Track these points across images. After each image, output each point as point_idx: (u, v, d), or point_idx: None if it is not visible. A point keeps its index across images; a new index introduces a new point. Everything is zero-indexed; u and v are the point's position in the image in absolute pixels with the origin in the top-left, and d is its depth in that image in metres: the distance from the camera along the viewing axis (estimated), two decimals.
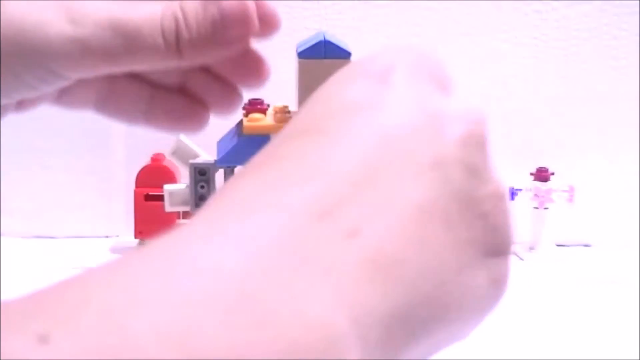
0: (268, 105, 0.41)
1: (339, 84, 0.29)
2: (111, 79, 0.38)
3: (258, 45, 0.69)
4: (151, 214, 0.63)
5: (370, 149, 0.26)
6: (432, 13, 0.67)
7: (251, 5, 0.36)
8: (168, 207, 0.41)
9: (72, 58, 0.35)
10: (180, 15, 0.36)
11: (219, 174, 0.51)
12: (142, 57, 0.35)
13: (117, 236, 0.70)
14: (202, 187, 0.49)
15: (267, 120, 0.39)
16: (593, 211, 0.70)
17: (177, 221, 0.65)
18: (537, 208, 0.66)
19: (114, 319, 0.19)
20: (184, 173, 0.53)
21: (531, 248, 0.67)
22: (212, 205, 0.24)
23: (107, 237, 0.70)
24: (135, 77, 0.38)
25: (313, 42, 0.37)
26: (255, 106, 0.40)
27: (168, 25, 0.36)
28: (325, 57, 0.37)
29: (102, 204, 0.69)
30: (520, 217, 0.66)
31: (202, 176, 0.50)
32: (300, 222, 0.23)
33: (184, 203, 0.40)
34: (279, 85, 0.44)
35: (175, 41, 0.36)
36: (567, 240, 0.70)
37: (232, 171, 0.49)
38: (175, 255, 0.21)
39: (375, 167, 0.25)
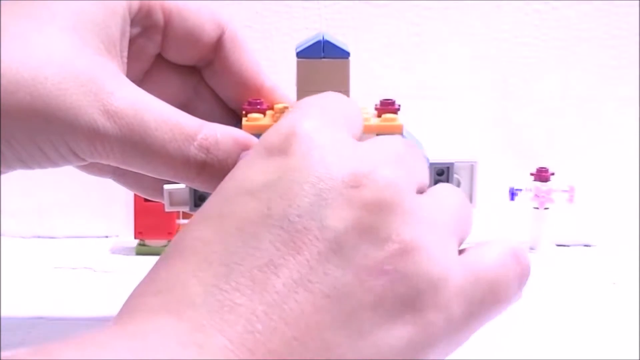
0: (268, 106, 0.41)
1: (241, 168, 0.29)
2: None
3: (258, 45, 0.69)
4: (151, 214, 0.63)
5: (265, 234, 0.26)
6: (432, 13, 0.67)
7: None
8: (168, 207, 0.40)
9: (94, 148, 0.35)
10: (212, 155, 0.36)
11: None
12: (160, 172, 0.36)
13: (117, 236, 0.70)
14: None
15: (266, 120, 0.39)
16: (593, 211, 0.70)
17: (177, 221, 0.65)
18: (537, 208, 0.65)
19: None
20: None
21: (531, 248, 0.67)
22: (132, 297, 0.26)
23: (107, 237, 0.70)
24: None
25: (312, 42, 0.37)
26: (255, 106, 0.40)
27: (195, 156, 0.36)
28: (324, 57, 0.37)
29: (102, 204, 0.69)
30: (521, 217, 0.66)
31: None
32: (192, 320, 0.24)
33: (184, 203, 0.40)
34: (279, 85, 0.44)
35: (196, 172, 0.36)
36: (568, 241, 0.70)
37: None
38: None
39: (270, 255, 0.26)
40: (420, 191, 0.30)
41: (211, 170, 0.35)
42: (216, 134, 0.35)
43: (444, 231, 0.29)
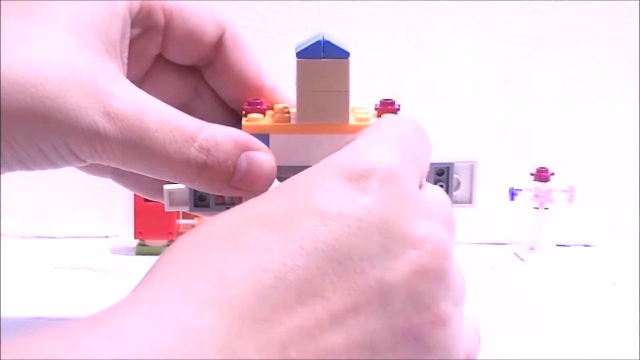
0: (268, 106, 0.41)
1: (315, 182, 0.29)
2: None
3: (258, 45, 0.69)
4: (151, 214, 0.63)
5: (325, 263, 0.26)
6: (432, 13, 0.67)
7: (274, 170, 0.37)
8: (168, 207, 0.40)
9: (95, 149, 0.34)
10: (212, 157, 0.36)
11: None
12: (160, 173, 0.36)
13: (117, 236, 0.70)
14: None
15: (265, 120, 0.39)
16: (593, 211, 0.70)
17: (177, 221, 0.65)
18: (537, 208, 0.65)
19: None
20: None
21: (531, 248, 0.67)
22: (159, 273, 0.25)
23: (107, 237, 0.70)
24: None
25: (312, 42, 0.37)
26: (255, 106, 0.40)
27: (195, 157, 0.35)
28: (324, 57, 0.37)
29: (102, 204, 0.69)
30: (521, 217, 0.66)
31: None
32: (236, 326, 0.24)
33: (184, 203, 0.40)
34: (279, 85, 0.44)
35: (197, 173, 0.36)
36: (568, 241, 0.70)
37: None
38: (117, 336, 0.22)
39: (323, 286, 0.26)
40: None
41: (211, 171, 0.35)
42: (216, 135, 0.35)
43: (462, 306, 0.30)
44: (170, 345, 0.22)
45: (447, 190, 0.41)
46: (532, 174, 0.66)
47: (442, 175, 0.41)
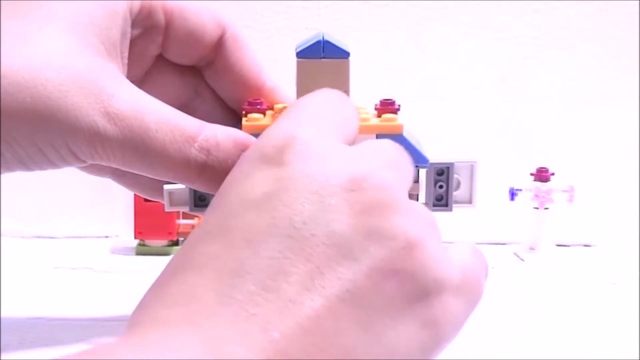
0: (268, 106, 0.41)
1: (238, 179, 0.29)
2: None
3: (258, 45, 0.69)
4: (151, 214, 0.63)
5: (273, 243, 0.26)
6: (432, 13, 0.67)
7: None
8: (168, 207, 0.40)
9: (95, 150, 0.34)
10: (213, 157, 0.36)
11: None
12: (160, 174, 0.36)
13: (117, 236, 0.70)
14: None
15: (265, 120, 0.39)
16: (593, 211, 0.70)
17: (177, 221, 0.65)
18: (537, 208, 0.65)
19: None
20: None
21: (531, 248, 0.67)
22: (142, 309, 0.26)
23: (107, 237, 0.70)
24: None
25: (312, 42, 0.37)
26: (255, 106, 0.40)
27: (195, 158, 0.35)
28: (324, 57, 0.37)
29: (102, 204, 0.69)
30: (521, 217, 0.66)
31: None
32: (212, 331, 0.24)
33: (184, 203, 0.40)
34: (280, 85, 0.44)
35: (197, 173, 0.36)
36: (568, 241, 0.70)
37: None
38: None
39: (280, 264, 0.26)
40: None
41: (212, 171, 0.35)
42: (216, 135, 0.35)
43: (438, 229, 0.29)
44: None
45: (447, 190, 0.41)
46: (532, 174, 0.66)
47: (442, 175, 0.41)
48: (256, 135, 0.37)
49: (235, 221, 0.27)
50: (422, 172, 0.41)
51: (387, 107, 0.40)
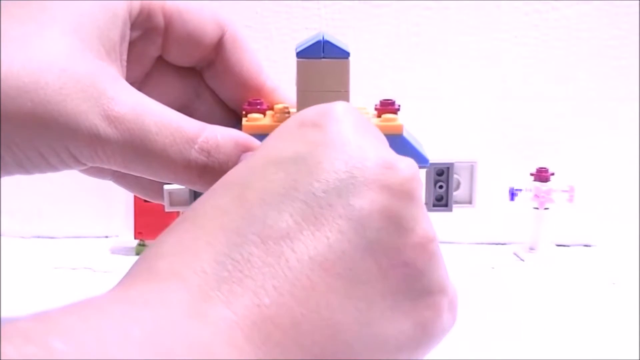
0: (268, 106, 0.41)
1: (272, 139, 0.29)
2: None
3: (258, 45, 0.69)
4: (151, 214, 0.63)
5: (287, 207, 0.26)
6: (432, 13, 0.67)
7: None
8: (168, 207, 0.40)
9: (95, 153, 0.34)
10: (213, 158, 0.36)
11: None
12: (161, 176, 0.36)
13: (117, 236, 0.70)
14: None
15: (265, 120, 0.39)
16: (593, 211, 0.70)
17: None
18: (537, 208, 0.65)
19: None
20: None
21: (531, 248, 0.67)
22: (137, 266, 0.26)
23: (107, 237, 0.70)
24: None
25: (312, 42, 0.37)
26: (255, 106, 0.40)
27: (196, 159, 0.35)
28: (324, 57, 0.37)
29: (102, 204, 0.69)
30: (521, 217, 0.66)
31: None
32: (199, 288, 0.23)
33: (184, 203, 0.40)
34: (280, 85, 0.44)
35: (198, 175, 0.36)
36: (568, 241, 0.70)
37: None
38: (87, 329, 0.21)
39: (288, 229, 0.25)
40: None
41: (212, 173, 0.35)
42: (217, 137, 0.35)
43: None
44: (141, 318, 0.22)
45: (447, 191, 0.41)
46: (532, 174, 0.66)
47: (442, 175, 0.41)
48: (256, 135, 0.37)
49: (254, 178, 0.27)
50: (422, 172, 0.41)
51: (387, 107, 0.40)
